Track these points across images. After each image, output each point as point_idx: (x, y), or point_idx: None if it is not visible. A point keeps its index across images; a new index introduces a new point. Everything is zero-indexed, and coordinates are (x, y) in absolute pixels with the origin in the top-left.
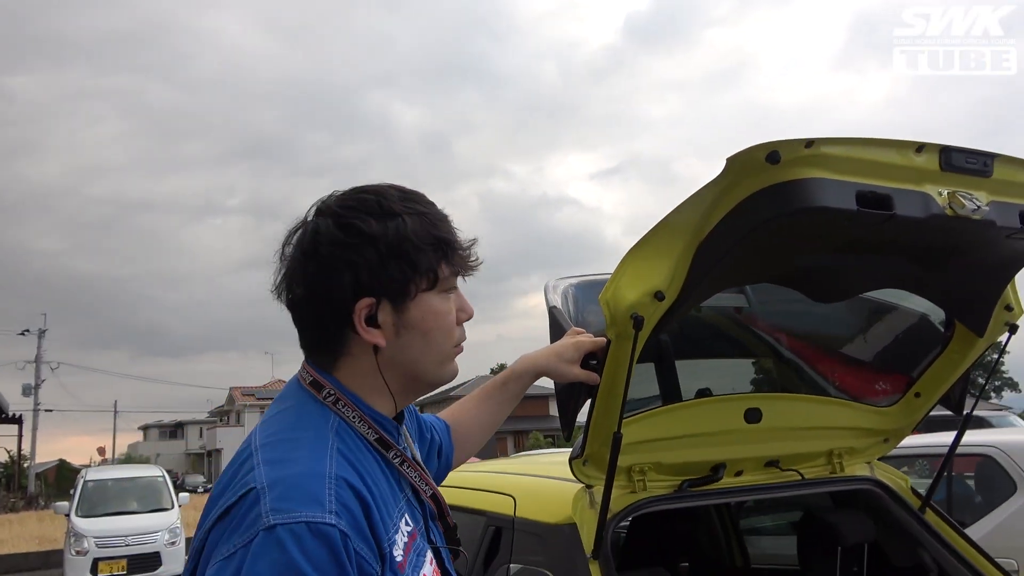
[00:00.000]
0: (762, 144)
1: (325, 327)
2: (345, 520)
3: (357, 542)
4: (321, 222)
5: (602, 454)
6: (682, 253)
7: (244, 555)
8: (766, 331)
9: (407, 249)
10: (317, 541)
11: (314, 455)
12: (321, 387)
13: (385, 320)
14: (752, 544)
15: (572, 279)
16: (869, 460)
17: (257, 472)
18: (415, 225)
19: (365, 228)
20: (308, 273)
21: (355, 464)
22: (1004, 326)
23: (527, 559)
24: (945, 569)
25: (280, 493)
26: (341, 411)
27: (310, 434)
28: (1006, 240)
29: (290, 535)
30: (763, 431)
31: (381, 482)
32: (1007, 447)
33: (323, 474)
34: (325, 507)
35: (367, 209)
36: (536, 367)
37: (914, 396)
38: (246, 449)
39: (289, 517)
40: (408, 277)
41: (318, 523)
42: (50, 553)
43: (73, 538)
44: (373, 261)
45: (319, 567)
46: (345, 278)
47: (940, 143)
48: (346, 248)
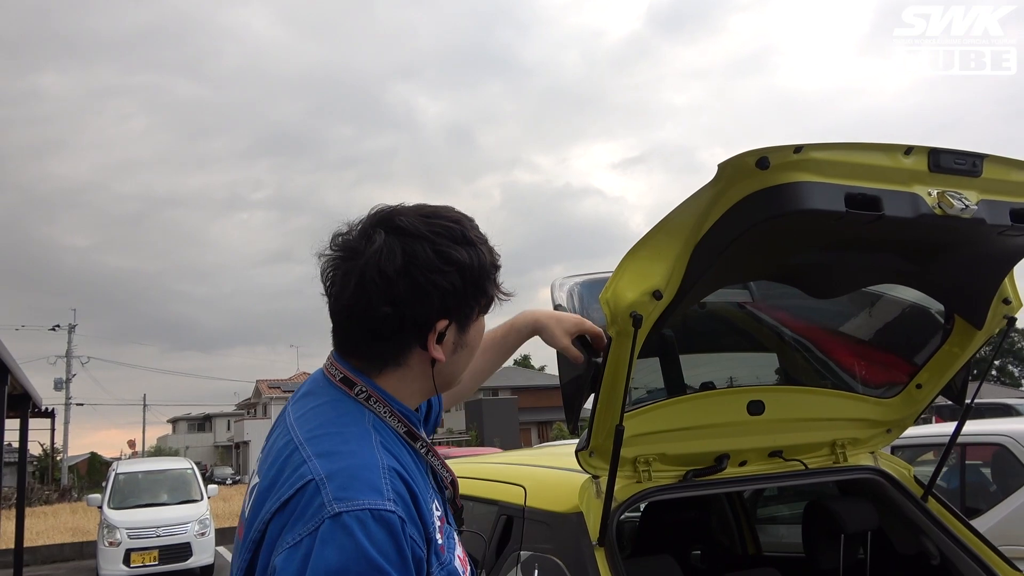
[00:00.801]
0: (752, 151)
1: (396, 341)
2: (401, 507)
3: (411, 527)
4: (416, 245)
5: (606, 446)
6: (679, 254)
7: (311, 542)
8: (769, 325)
9: (483, 279)
10: (379, 526)
11: (363, 447)
12: (352, 384)
13: (449, 339)
14: (767, 532)
15: (577, 277)
16: (872, 450)
17: (311, 465)
18: (487, 255)
19: (459, 258)
20: (397, 292)
21: (396, 456)
22: (1003, 319)
23: (536, 546)
24: (947, 556)
25: (341, 483)
26: (373, 407)
27: (354, 429)
28: (998, 237)
29: (356, 521)
30: (766, 422)
31: (415, 471)
32: (1020, 436)
33: (377, 465)
34: (384, 495)
35: (454, 238)
36: (535, 324)
37: (916, 387)
38: (289, 444)
39: (353, 504)
40: (477, 303)
41: (380, 510)
42: (84, 544)
43: (106, 529)
44: (458, 288)
45: (382, 551)
46: (434, 302)
47: (929, 145)
48: (441, 275)
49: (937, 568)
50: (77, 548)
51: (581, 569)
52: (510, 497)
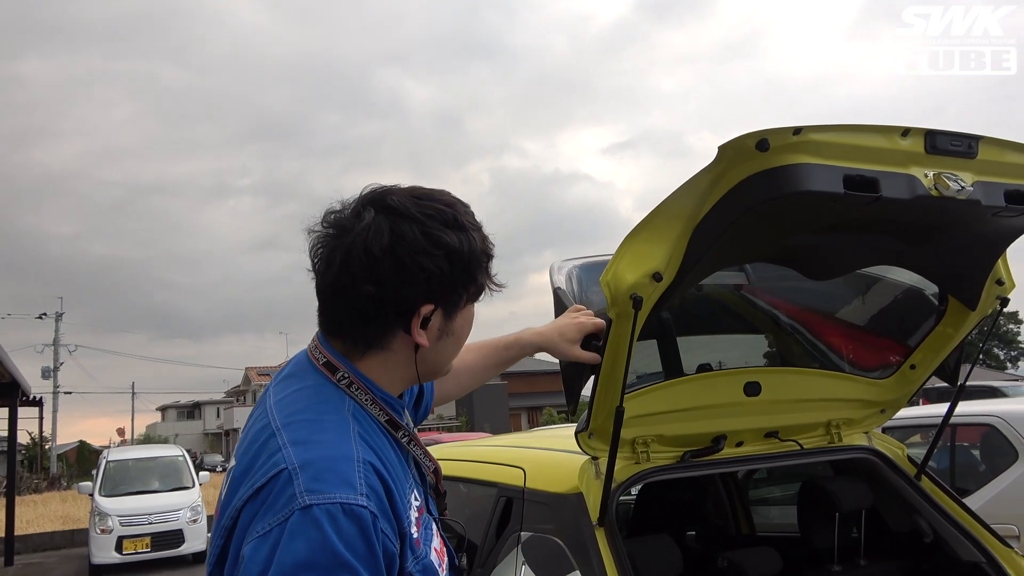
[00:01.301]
0: (752, 132)
1: (378, 323)
2: (374, 502)
3: (383, 522)
4: (404, 226)
5: (606, 427)
6: (679, 236)
7: (280, 532)
8: (765, 307)
9: (472, 265)
10: (349, 521)
11: (340, 438)
12: (335, 369)
13: (434, 324)
14: (760, 512)
15: (576, 260)
16: (867, 430)
17: (285, 453)
18: (479, 242)
19: (448, 241)
20: (382, 272)
21: (374, 447)
22: (996, 299)
23: (536, 527)
24: (940, 534)
25: (313, 474)
26: (355, 394)
27: (332, 417)
28: (993, 218)
29: (325, 515)
30: (762, 403)
31: (394, 462)
32: (1009, 416)
33: (352, 457)
34: (356, 489)
35: (445, 221)
36: (540, 341)
37: (910, 368)
38: (266, 428)
39: (324, 498)
40: (465, 290)
41: (351, 504)
42: (75, 532)
43: (98, 517)
44: (445, 273)
45: (351, 545)
46: (420, 285)
47: (925, 127)
48: (428, 257)
49: (930, 546)
50: (68, 536)
51: (582, 549)
52: (509, 479)
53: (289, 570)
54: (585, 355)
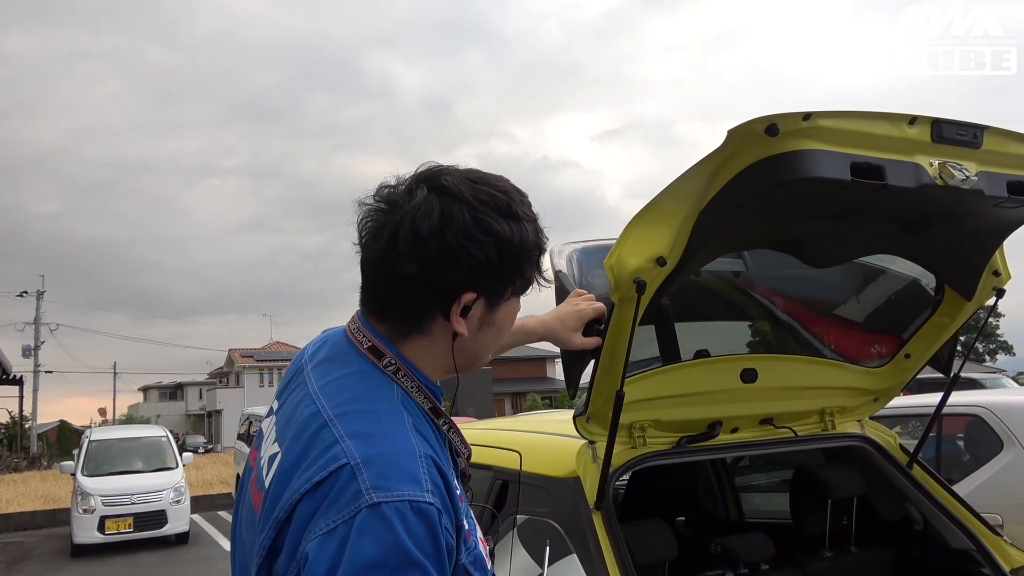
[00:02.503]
0: (762, 117)
1: (418, 306)
2: (438, 498)
3: (446, 518)
4: (455, 208)
5: (604, 412)
6: (683, 221)
7: (347, 530)
8: (763, 294)
9: (521, 257)
10: (418, 518)
11: (398, 431)
12: (381, 355)
13: (475, 314)
14: (746, 499)
15: (577, 244)
16: (860, 418)
17: (345, 446)
18: (531, 234)
19: (498, 229)
20: (427, 253)
21: (426, 438)
22: (991, 290)
23: (533, 510)
24: (930, 521)
25: (379, 470)
26: (401, 381)
27: (386, 407)
28: (994, 208)
29: (395, 512)
30: (758, 390)
31: (441, 452)
32: (994, 407)
33: (414, 452)
34: (423, 486)
35: (498, 208)
36: (544, 330)
37: (904, 357)
38: (315, 416)
39: (392, 495)
40: (512, 282)
41: (419, 502)
42: (56, 511)
43: (80, 497)
44: (493, 261)
45: (420, 544)
46: (463, 269)
47: (932, 116)
48: (476, 243)
49: (920, 533)
50: (49, 515)
51: (579, 532)
52: (505, 462)
53: (359, 569)
54: (587, 341)
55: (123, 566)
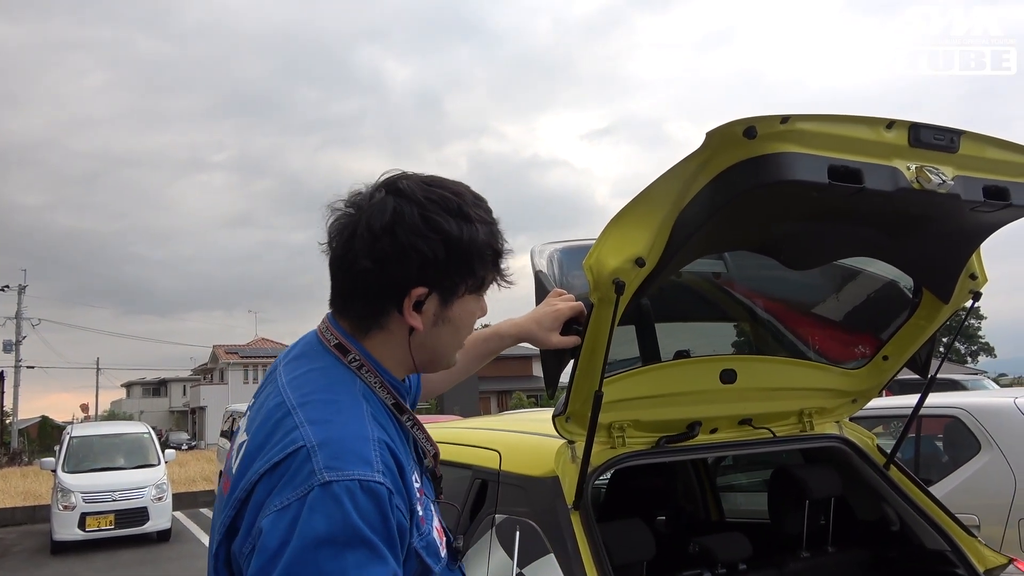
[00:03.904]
0: (740, 119)
1: (374, 300)
2: (389, 479)
3: (397, 498)
4: (405, 207)
5: (583, 411)
6: (662, 222)
7: (300, 507)
8: (743, 296)
9: (472, 255)
10: (367, 497)
11: (356, 418)
12: (346, 351)
13: (429, 309)
14: (726, 499)
15: (557, 244)
16: (838, 419)
17: (303, 431)
18: (484, 235)
19: (445, 226)
20: (379, 249)
21: (384, 428)
22: (968, 293)
23: (511, 510)
24: (906, 522)
25: (333, 452)
26: (364, 376)
27: (346, 398)
28: (971, 212)
29: (345, 491)
30: (738, 391)
31: (400, 444)
32: (972, 408)
33: (367, 436)
34: (373, 467)
35: (448, 208)
36: (518, 332)
37: (882, 359)
38: (280, 406)
39: (343, 475)
40: (463, 279)
41: (369, 481)
42: (36, 508)
43: (60, 493)
44: (441, 258)
45: (368, 521)
46: (412, 265)
47: (910, 120)
48: (423, 239)
49: (896, 534)
50: (29, 512)
51: (557, 532)
52: (484, 461)
53: (310, 543)
54: (565, 340)
55: (104, 563)
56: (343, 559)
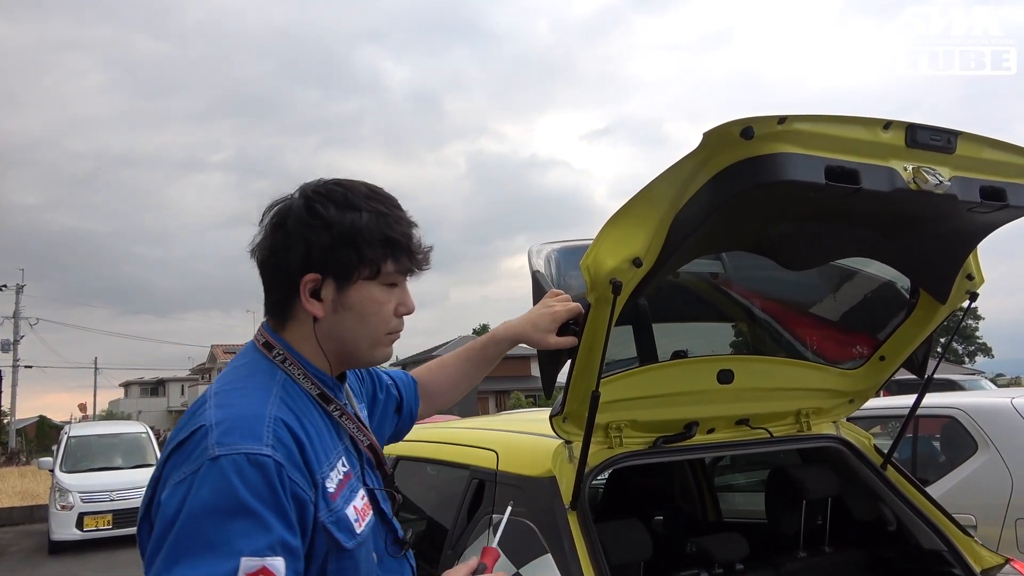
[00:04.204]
0: (737, 120)
1: (279, 290)
2: (280, 453)
3: (291, 471)
4: (295, 202)
5: (581, 412)
6: (660, 222)
7: (192, 480)
8: (740, 296)
9: (357, 240)
10: (254, 469)
11: (258, 401)
12: (272, 347)
13: (327, 296)
14: (724, 499)
15: (555, 244)
16: (835, 419)
17: (208, 413)
18: (370, 221)
19: (325, 213)
20: (274, 242)
21: (295, 411)
22: (965, 294)
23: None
24: (903, 522)
25: (225, 429)
26: (288, 369)
27: (257, 385)
28: (968, 213)
29: (231, 464)
30: (735, 391)
31: (322, 430)
32: (969, 408)
33: (263, 415)
34: (262, 441)
35: (333, 198)
36: (515, 335)
37: (879, 359)
38: (202, 397)
39: (230, 449)
40: (353, 264)
41: (255, 454)
42: (34, 508)
43: (58, 493)
44: (325, 243)
45: (255, 491)
46: (299, 252)
47: (907, 121)
48: (305, 227)
49: (893, 534)
50: (27, 512)
51: (554, 532)
52: (481, 461)
53: (198, 513)
54: (561, 341)
55: (102, 563)
56: (227, 527)
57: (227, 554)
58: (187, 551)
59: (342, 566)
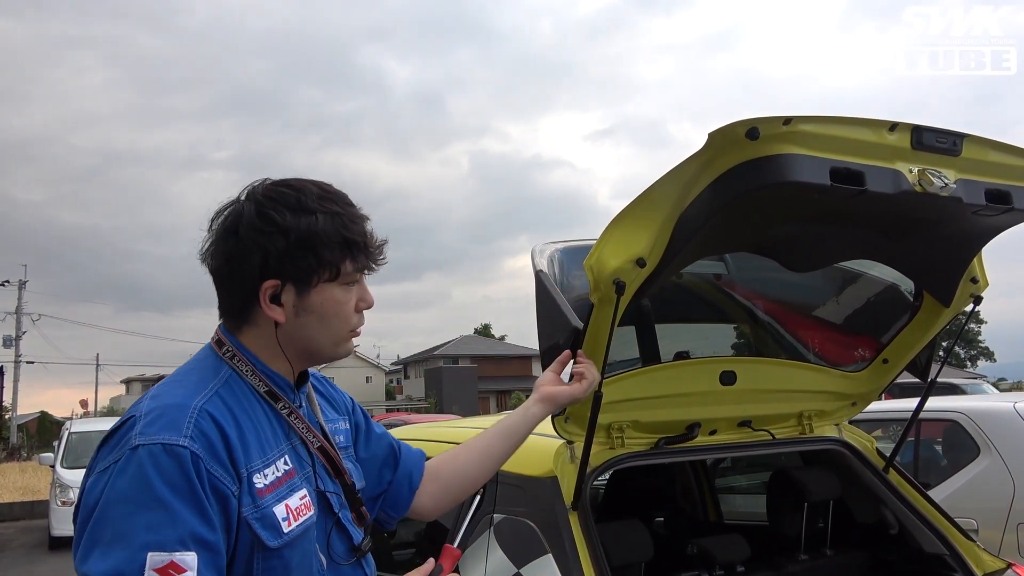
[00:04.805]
0: (743, 120)
1: (235, 297)
2: (200, 444)
3: (210, 463)
4: (246, 207)
5: (582, 412)
6: (663, 223)
7: (113, 470)
8: (743, 297)
9: (315, 244)
10: (169, 459)
11: (188, 393)
12: (222, 344)
13: (287, 301)
14: (726, 501)
15: (558, 244)
16: (838, 422)
17: (142, 404)
18: (326, 224)
19: (279, 220)
20: (227, 248)
21: (230, 405)
22: (969, 297)
23: (510, 509)
24: (905, 525)
25: (149, 420)
26: (235, 365)
27: (195, 378)
28: (972, 216)
29: (147, 454)
30: (737, 393)
31: (263, 426)
32: (972, 412)
33: (188, 406)
34: (182, 432)
35: (285, 203)
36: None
37: (882, 362)
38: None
39: (149, 439)
40: (312, 268)
41: (172, 445)
42: (35, 503)
43: (59, 489)
44: (282, 249)
45: (170, 482)
46: (255, 259)
47: (912, 123)
48: (260, 234)
49: (895, 537)
50: (28, 507)
51: (555, 532)
52: None
53: (112, 502)
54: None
55: None
56: (136, 518)
57: (136, 546)
58: (100, 541)
59: (270, 565)
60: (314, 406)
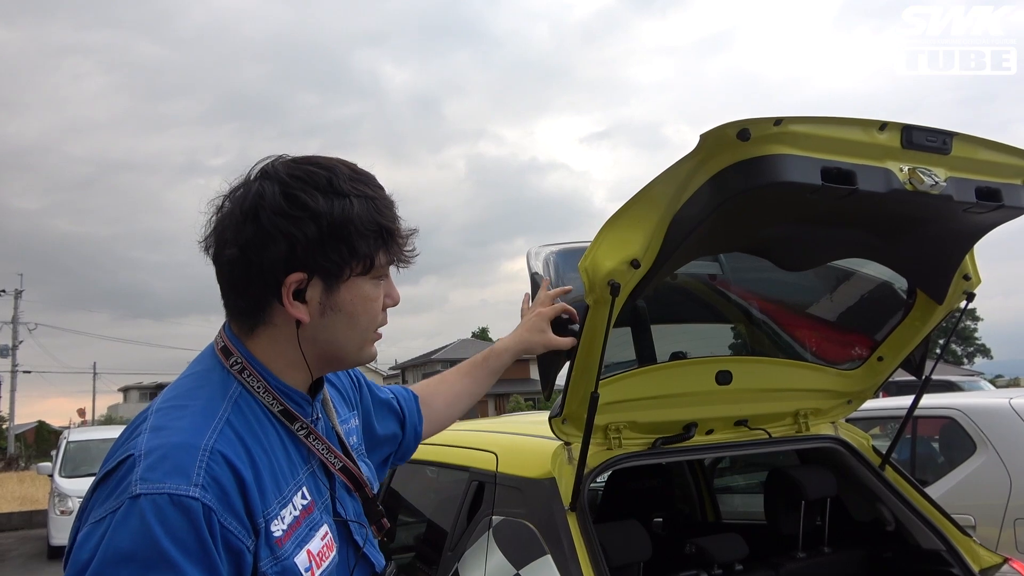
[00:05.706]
0: (733, 122)
1: (251, 292)
2: (212, 494)
3: (224, 516)
4: (267, 187)
5: (580, 413)
6: (657, 224)
7: (110, 522)
8: (738, 297)
9: (349, 232)
10: (177, 512)
11: (196, 426)
12: (229, 354)
13: (313, 297)
14: (723, 500)
15: (553, 246)
16: (834, 420)
17: (140, 439)
18: (361, 209)
19: (311, 203)
20: (244, 235)
21: (243, 436)
22: (962, 294)
23: (508, 511)
24: (902, 522)
25: (151, 463)
26: (245, 380)
27: (200, 403)
28: (964, 214)
29: (151, 505)
30: (733, 392)
31: (278, 455)
32: (968, 409)
33: (197, 446)
34: (191, 480)
35: (316, 184)
36: (515, 346)
37: (877, 360)
38: (142, 414)
39: (153, 488)
40: (345, 260)
41: (180, 496)
42: (33, 513)
43: (57, 498)
44: (313, 238)
45: (177, 539)
46: (281, 249)
47: (902, 122)
48: (288, 219)
49: (892, 534)
50: (26, 517)
51: (553, 533)
52: (481, 463)
53: (111, 560)
54: (561, 341)
55: None
56: None
57: None
58: None
59: None
60: (330, 412)
